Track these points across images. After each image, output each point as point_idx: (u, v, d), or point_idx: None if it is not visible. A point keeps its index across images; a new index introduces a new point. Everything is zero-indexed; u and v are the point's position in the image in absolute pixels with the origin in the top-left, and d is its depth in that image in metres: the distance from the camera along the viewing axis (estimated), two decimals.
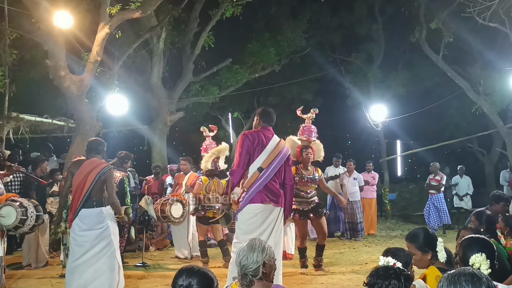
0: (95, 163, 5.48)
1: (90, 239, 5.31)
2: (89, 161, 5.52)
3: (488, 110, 13.84)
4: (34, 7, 9.37)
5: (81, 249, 5.29)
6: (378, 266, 2.79)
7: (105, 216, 5.40)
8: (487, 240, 3.25)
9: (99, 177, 5.37)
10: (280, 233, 5.20)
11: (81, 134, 9.75)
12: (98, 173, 5.37)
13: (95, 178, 5.35)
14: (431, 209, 11.91)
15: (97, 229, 5.33)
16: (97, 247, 5.32)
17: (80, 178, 5.37)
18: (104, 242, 5.35)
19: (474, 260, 2.92)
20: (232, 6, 12.97)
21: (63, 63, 9.62)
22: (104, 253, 5.33)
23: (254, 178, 5.01)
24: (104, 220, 5.38)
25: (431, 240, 3.62)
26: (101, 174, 5.39)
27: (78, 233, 5.32)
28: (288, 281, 6.55)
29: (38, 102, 13.11)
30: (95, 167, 5.42)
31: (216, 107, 17.21)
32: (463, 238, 3.32)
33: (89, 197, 5.32)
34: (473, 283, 2.10)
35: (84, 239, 5.31)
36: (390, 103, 16.36)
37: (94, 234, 5.32)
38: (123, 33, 11.29)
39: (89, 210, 5.33)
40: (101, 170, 5.41)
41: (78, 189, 5.35)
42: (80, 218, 5.33)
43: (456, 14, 12.75)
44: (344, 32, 17.97)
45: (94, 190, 5.35)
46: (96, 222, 5.34)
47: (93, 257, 5.29)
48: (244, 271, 2.86)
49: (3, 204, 5.75)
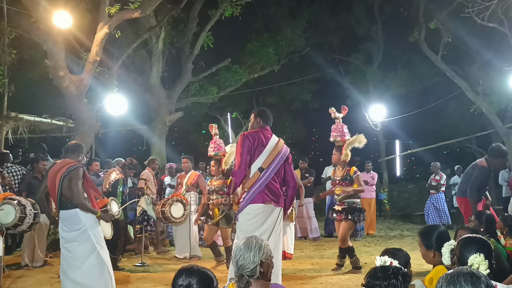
0: (63, 163, 5.35)
1: (72, 241, 5.21)
2: (60, 161, 5.46)
3: (486, 110, 13.86)
4: (33, 7, 9.36)
5: (67, 250, 5.24)
6: (375, 266, 2.79)
7: (81, 218, 5.22)
8: (484, 239, 3.25)
9: (64, 177, 5.21)
10: (279, 233, 5.20)
11: (80, 134, 9.75)
12: (64, 173, 5.22)
13: (61, 178, 5.21)
14: (431, 209, 11.93)
15: (75, 230, 5.20)
16: (80, 249, 5.20)
17: (51, 180, 5.28)
18: (86, 244, 5.21)
19: (472, 260, 2.92)
20: (231, 6, 12.99)
21: (62, 63, 9.61)
22: (88, 255, 5.21)
23: (255, 179, 5.01)
24: (80, 221, 5.21)
25: (439, 239, 3.65)
26: (66, 174, 5.22)
27: (62, 235, 5.27)
28: (288, 281, 6.55)
29: (37, 102, 13.11)
30: (62, 167, 5.28)
31: (215, 107, 17.21)
32: (460, 238, 3.32)
33: (61, 198, 5.22)
34: (472, 282, 2.10)
35: (67, 240, 5.23)
36: (389, 103, 16.39)
37: (73, 235, 5.20)
38: (122, 33, 11.29)
39: (65, 211, 5.23)
40: (66, 170, 5.24)
41: (51, 190, 5.30)
42: (61, 220, 5.26)
43: (455, 14, 12.78)
44: (343, 32, 17.99)
45: (64, 191, 5.21)
46: (73, 223, 5.21)
47: (79, 259, 5.19)
48: (241, 271, 2.84)
49: (1, 202, 5.74)
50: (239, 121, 18.25)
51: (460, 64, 15.47)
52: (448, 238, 3.70)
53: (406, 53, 17.75)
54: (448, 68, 14.44)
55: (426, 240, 3.72)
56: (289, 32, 15.82)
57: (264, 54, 15.13)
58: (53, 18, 8.88)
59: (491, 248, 3.19)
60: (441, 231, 3.78)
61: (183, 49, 14.18)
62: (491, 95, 13.74)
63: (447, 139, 17.08)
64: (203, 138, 20.14)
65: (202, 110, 16.59)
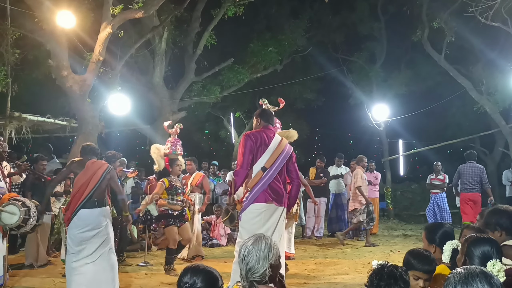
0: (98, 164, 5.58)
1: (90, 239, 5.33)
2: (91, 162, 5.57)
3: (490, 109, 13.83)
4: (37, 7, 9.39)
5: (81, 249, 5.31)
6: (377, 266, 2.81)
7: (105, 216, 5.51)
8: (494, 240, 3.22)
9: (104, 177, 5.46)
10: (281, 233, 5.20)
11: (83, 134, 9.76)
12: (103, 173, 5.47)
13: (100, 178, 5.43)
14: (435, 208, 11.89)
15: (98, 228, 5.38)
16: (97, 247, 5.36)
17: (85, 178, 5.40)
18: (104, 242, 5.43)
19: (491, 268, 2.88)
20: (234, 6, 13.00)
21: (66, 62, 9.63)
22: (104, 252, 5.41)
23: (258, 178, 5.00)
24: (104, 220, 5.48)
25: (443, 236, 3.68)
26: (106, 173, 5.49)
27: (76, 234, 5.33)
28: (291, 281, 6.55)
29: (40, 101, 13.13)
30: (99, 168, 5.51)
31: (218, 107, 17.22)
32: (468, 236, 3.29)
33: (91, 197, 5.36)
34: (487, 282, 2.10)
35: (83, 239, 5.32)
36: (392, 103, 16.37)
37: (94, 234, 5.35)
38: (125, 33, 11.32)
39: (90, 210, 5.36)
40: (105, 169, 5.52)
41: (80, 189, 5.37)
42: (79, 218, 5.34)
43: (458, 13, 12.75)
44: (346, 31, 17.95)
45: (98, 190, 5.40)
46: (97, 222, 5.40)
47: (94, 257, 5.33)
48: (251, 277, 2.78)
49: (6, 203, 5.75)
50: (242, 120, 18.24)
51: (463, 64, 15.44)
52: (452, 237, 3.72)
53: (409, 53, 17.73)
54: (452, 68, 14.41)
55: (431, 234, 3.77)
56: (292, 31, 15.83)
57: (266, 54, 15.14)
58: (57, 18, 8.90)
59: (501, 249, 3.17)
60: (446, 229, 3.82)
61: (186, 48, 14.19)
62: (495, 94, 13.71)
63: (450, 138, 17.04)
64: (206, 138, 20.17)
65: (205, 110, 16.60)
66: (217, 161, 13.26)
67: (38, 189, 7.86)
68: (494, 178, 17.50)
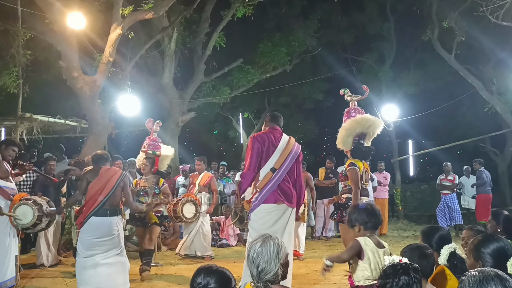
0: (112, 171, 5.60)
1: (99, 245, 5.37)
2: (105, 169, 5.58)
3: (501, 109, 13.73)
4: (48, 8, 9.45)
5: (91, 252, 5.35)
6: (384, 266, 2.82)
7: (116, 225, 5.49)
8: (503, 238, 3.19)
9: (118, 184, 5.48)
10: (291, 233, 5.19)
11: (93, 135, 9.82)
12: (118, 180, 5.48)
13: (114, 184, 5.44)
14: (446, 209, 11.82)
15: (108, 236, 5.39)
16: (108, 249, 5.40)
17: (99, 185, 5.42)
18: (115, 245, 5.47)
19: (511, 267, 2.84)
20: (243, 6, 13.00)
21: (76, 64, 9.69)
22: (116, 255, 5.45)
23: (267, 179, 5.00)
24: (115, 228, 5.47)
25: (439, 241, 3.66)
26: (120, 181, 5.51)
27: (87, 239, 5.37)
28: (300, 281, 6.54)
29: (51, 102, 13.23)
30: (114, 175, 5.52)
31: (227, 108, 17.25)
32: (473, 239, 3.25)
33: (103, 205, 5.35)
34: (502, 285, 2.09)
35: (93, 245, 5.36)
36: (402, 103, 16.29)
37: (103, 241, 5.37)
38: (135, 34, 11.36)
39: (102, 219, 5.36)
40: (119, 176, 5.53)
41: (94, 195, 5.37)
42: (90, 225, 5.36)
43: (469, 13, 12.67)
44: (355, 32, 17.92)
45: (111, 197, 5.40)
46: (108, 231, 5.39)
47: (105, 258, 5.37)
48: (263, 278, 2.79)
49: (17, 204, 5.77)
50: (251, 121, 18.27)
51: (474, 63, 15.34)
52: (449, 241, 3.69)
53: (419, 52, 17.64)
54: (462, 67, 14.32)
55: (427, 239, 3.74)
56: (301, 32, 15.82)
57: (276, 54, 15.14)
58: (67, 20, 8.96)
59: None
60: (443, 233, 3.80)
61: (195, 49, 14.23)
62: (506, 94, 13.61)
63: (460, 138, 16.94)
64: (215, 138, 20.20)
65: (214, 110, 16.64)
66: (226, 161, 13.27)
67: (47, 189, 7.93)
68: (505, 178, 17.38)
